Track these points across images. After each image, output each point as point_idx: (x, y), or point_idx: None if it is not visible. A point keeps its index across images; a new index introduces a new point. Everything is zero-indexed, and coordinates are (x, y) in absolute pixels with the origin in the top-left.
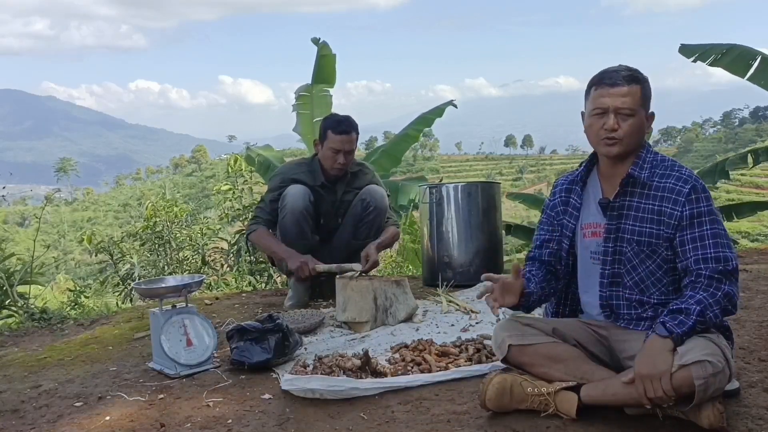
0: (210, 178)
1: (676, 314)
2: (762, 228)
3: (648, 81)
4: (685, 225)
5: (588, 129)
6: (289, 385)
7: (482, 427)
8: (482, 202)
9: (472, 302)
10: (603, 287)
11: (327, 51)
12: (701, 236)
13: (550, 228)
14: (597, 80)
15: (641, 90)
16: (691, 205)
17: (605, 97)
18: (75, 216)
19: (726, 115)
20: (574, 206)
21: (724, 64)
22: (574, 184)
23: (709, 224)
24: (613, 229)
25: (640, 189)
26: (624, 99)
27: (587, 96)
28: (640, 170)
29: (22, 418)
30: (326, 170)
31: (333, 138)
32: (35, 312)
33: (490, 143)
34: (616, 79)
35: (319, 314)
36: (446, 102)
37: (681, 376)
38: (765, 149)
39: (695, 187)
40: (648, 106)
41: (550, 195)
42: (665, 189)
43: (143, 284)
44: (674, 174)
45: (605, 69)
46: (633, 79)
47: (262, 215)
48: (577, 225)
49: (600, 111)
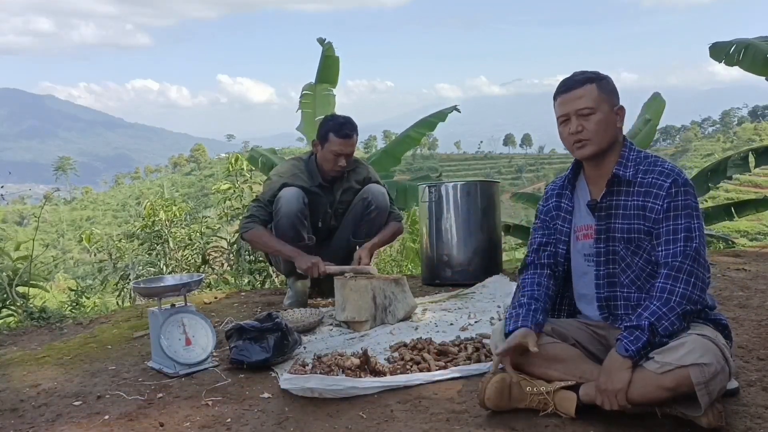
0: (209, 177)
1: (633, 330)
2: (761, 227)
3: (606, 78)
4: (661, 218)
5: (561, 138)
6: (288, 384)
7: (481, 426)
8: (481, 201)
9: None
10: (600, 288)
11: (332, 52)
12: (675, 229)
13: (546, 232)
14: (557, 91)
15: (597, 87)
16: (669, 199)
17: (564, 104)
18: (74, 215)
19: (725, 114)
20: (566, 210)
21: (746, 66)
22: (563, 189)
23: (684, 218)
24: (603, 230)
25: (626, 187)
26: (580, 100)
27: (554, 107)
28: (624, 169)
29: (21, 417)
30: (324, 171)
31: (335, 141)
32: (34, 311)
33: (489, 142)
34: (569, 85)
35: (318, 313)
36: (450, 107)
37: (680, 376)
38: (765, 149)
39: (676, 180)
40: (613, 102)
41: (542, 200)
42: (648, 184)
43: (142, 283)
44: (656, 169)
45: (563, 79)
46: (586, 80)
47: (258, 214)
48: (571, 228)
49: (564, 118)
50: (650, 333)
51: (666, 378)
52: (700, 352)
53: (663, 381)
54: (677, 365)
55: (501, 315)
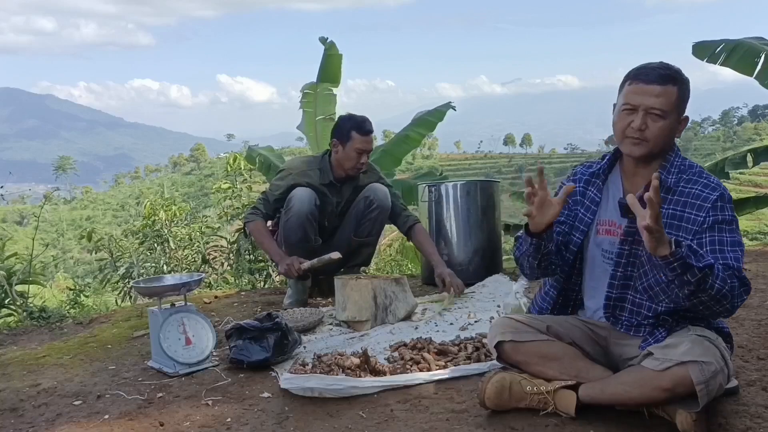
0: (209, 177)
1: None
2: (762, 226)
3: (688, 82)
4: (705, 229)
5: (615, 124)
6: (288, 383)
7: (481, 425)
8: (481, 201)
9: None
10: (613, 288)
11: (334, 51)
12: (720, 240)
13: (565, 211)
14: (632, 75)
15: (678, 91)
16: (716, 212)
17: (637, 95)
18: (74, 215)
19: (725, 113)
20: (592, 200)
21: (732, 64)
22: (594, 177)
23: (728, 232)
24: (632, 232)
25: (664, 193)
26: (657, 99)
27: (620, 89)
28: (667, 174)
29: (21, 416)
30: (337, 170)
31: (359, 139)
32: (34, 311)
33: (489, 142)
34: (651, 77)
35: (318, 313)
36: (445, 104)
37: (679, 375)
38: (764, 148)
39: (723, 195)
40: (682, 109)
41: (569, 179)
42: (690, 195)
43: (142, 283)
44: (702, 181)
45: (643, 64)
46: (670, 79)
47: (262, 208)
48: (594, 220)
49: (629, 108)
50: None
51: (665, 376)
52: (701, 351)
53: (662, 380)
54: (678, 361)
55: (501, 314)
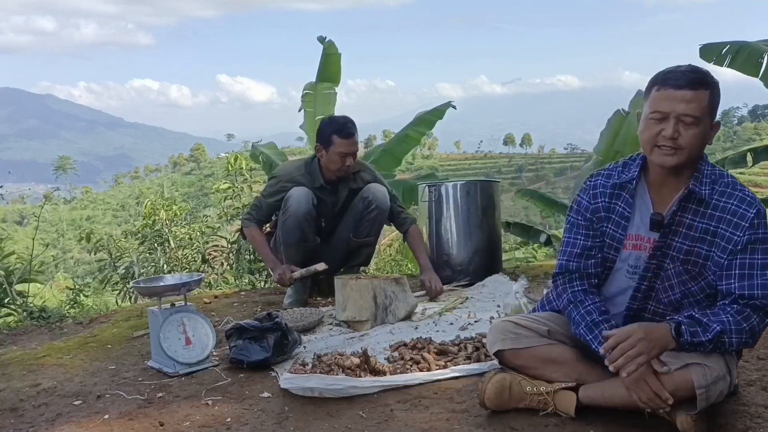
0: (209, 177)
1: (695, 324)
2: None
3: (718, 85)
4: (739, 250)
5: (642, 133)
6: (288, 383)
7: (481, 425)
8: (481, 201)
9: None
10: (635, 300)
11: (333, 50)
12: (751, 264)
13: (592, 233)
14: (660, 80)
15: (709, 96)
16: (752, 231)
17: (667, 101)
18: (74, 215)
19: (725, 113)
20: (622, 215)
21: (738, 66)
22: (621, 190)
23: (761, 253)
24: (662, 246)
25: (696, 206)
26: (689, 105)
27: (646, 96)
28: (700, 186)
29: (21, 416)
30: (327, 173)
31: (340, 142)
32: (34, 310)
33: (489, 142)
34: (681, 81)
35: (318, 312)
36: (445, 103)
37: (681, 378)
38: (764, 148)
39: (759, 212)
40: (714, 115)
41: (585, 195)
42: (726, 210)
43: (142, 282)
44: (737, 194)
45: (670, 68)
46: (701, 83)
47: (256, 214)
48: (625, 236)
49: (659, 116)
50: (714, 338)
51: (666, 379)
52: (705, 354)
53: (664, 383)
54: (681, 364)
55: (501, 314)
